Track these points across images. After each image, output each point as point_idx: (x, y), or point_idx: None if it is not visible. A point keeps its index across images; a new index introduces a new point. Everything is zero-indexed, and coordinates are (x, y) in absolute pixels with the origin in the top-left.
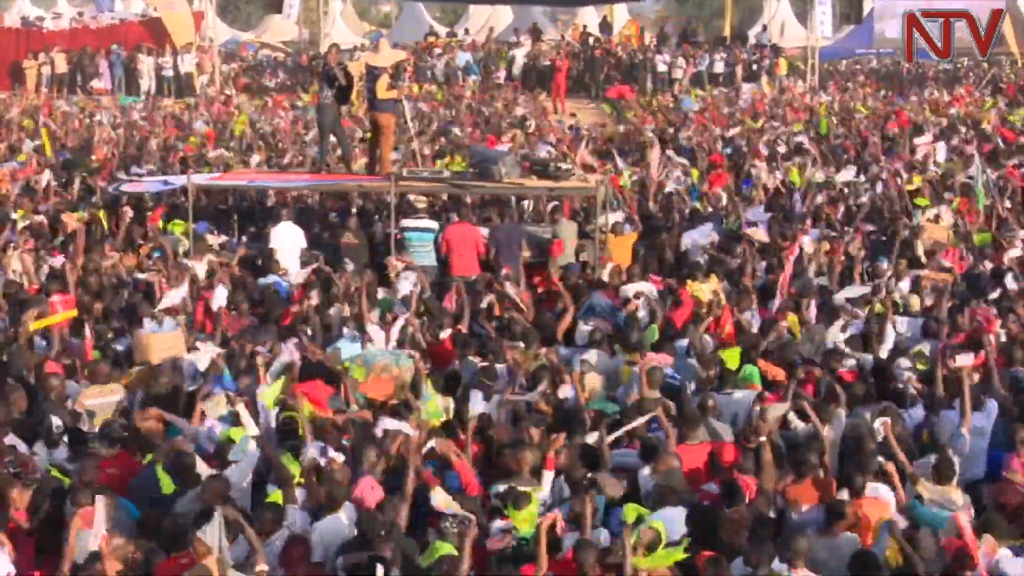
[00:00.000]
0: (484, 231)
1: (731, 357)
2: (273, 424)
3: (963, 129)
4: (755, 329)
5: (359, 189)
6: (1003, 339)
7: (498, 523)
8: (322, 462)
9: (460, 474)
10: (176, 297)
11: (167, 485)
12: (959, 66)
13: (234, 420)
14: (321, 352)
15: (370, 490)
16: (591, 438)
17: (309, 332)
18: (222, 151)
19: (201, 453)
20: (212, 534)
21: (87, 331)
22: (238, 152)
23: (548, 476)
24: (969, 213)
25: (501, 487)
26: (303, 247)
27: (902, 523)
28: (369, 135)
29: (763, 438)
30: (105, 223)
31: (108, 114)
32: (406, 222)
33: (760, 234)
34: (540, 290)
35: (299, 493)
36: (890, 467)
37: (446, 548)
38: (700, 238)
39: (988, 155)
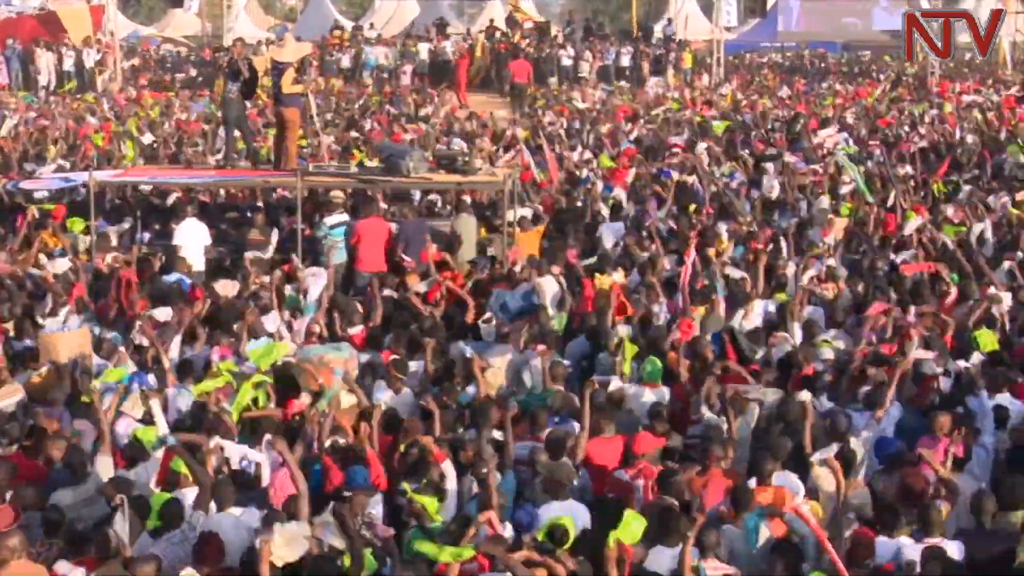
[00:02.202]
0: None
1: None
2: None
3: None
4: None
5: (265, 185)
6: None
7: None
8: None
9: (371, 466)
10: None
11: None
12: (862, 59)
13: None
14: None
15: (287, 482)
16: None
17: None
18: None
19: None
20: (122, 529)
21: None
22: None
23: (448, 467)
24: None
25: (410, 484)
26: (207, 244)
27: None
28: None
29: None
30: None
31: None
32: (328, 219)
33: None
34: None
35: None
36: (832, 462)
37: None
38: (615, 232)
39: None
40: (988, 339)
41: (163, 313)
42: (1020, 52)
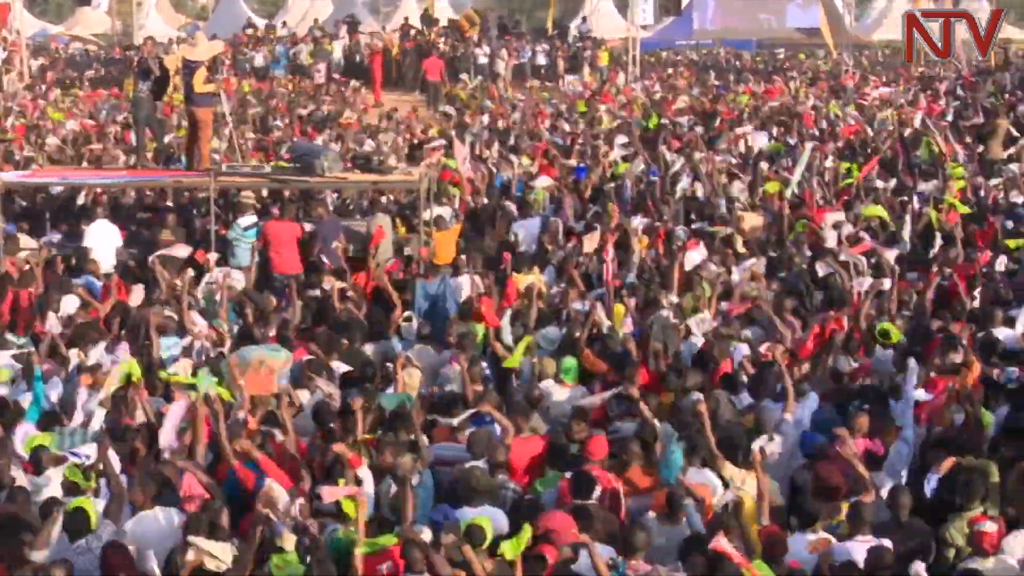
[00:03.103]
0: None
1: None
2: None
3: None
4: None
5: (177, 185)
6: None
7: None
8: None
9: (267, 472)
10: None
11: None
12: (777, 57)
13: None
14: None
15: (196, 485)
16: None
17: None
18: None
19: None
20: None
21: None
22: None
23: (364, 472)
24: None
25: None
26: (119, 246)
27: None
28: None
29: None
30: None
31: None
32: (241, 220)
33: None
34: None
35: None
36: (756, 456)
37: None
38: (530, 230)
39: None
40: (895, 332)
41: None
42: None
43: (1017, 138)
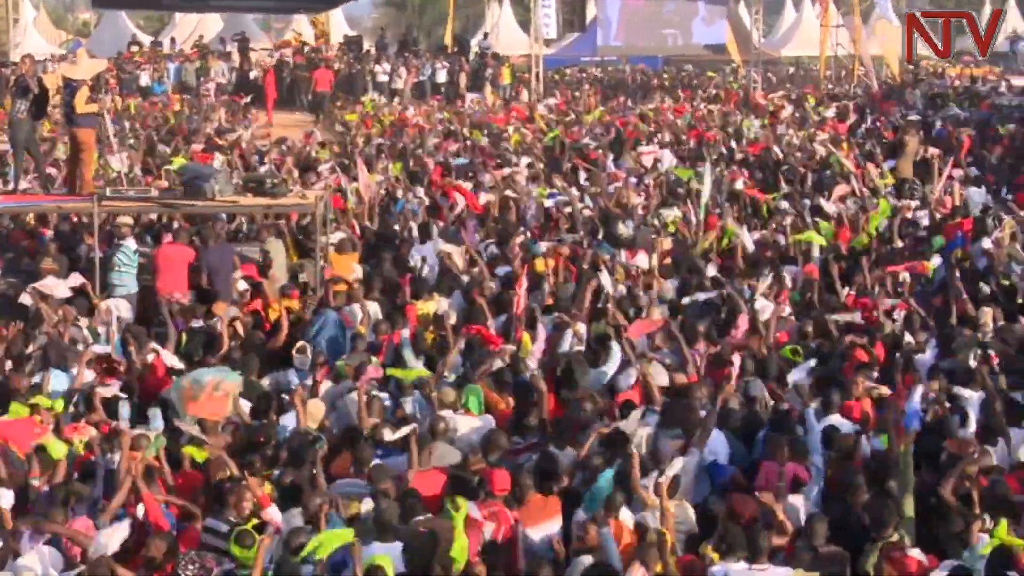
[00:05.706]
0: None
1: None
2: None
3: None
4: None
5: (59, 211)
6: None
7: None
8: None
9: (147, 508)
10: None
11: None
12: (683, 74)
13: None
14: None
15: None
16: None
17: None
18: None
19: None
20: None
21: None
22: None
23: (272, 512)
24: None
25: (222, 526)
26: None
27: None
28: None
29: None
30: None
31: None
32: (129, 243)
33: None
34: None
35: None
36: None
37: None
38: (429, 254)
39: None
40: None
41: None
42: (839, 66)
43: (928, 157)
